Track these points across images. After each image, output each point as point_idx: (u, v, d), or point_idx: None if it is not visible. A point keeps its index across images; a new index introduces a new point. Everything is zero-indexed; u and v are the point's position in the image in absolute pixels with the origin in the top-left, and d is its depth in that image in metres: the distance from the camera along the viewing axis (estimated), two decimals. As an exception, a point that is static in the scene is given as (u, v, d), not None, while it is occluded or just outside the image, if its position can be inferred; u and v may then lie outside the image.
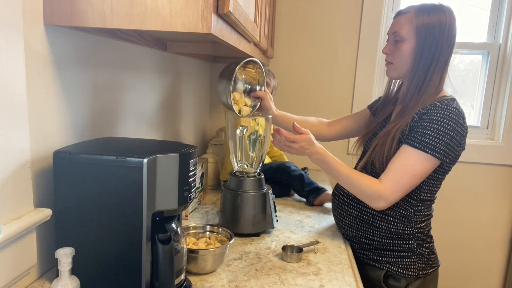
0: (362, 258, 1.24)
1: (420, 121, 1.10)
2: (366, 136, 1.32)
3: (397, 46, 1.16)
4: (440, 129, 1.07)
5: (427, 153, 1.07)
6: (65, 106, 0.90)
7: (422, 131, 1.08)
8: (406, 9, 1.17)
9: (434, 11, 1.13)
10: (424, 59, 1.13)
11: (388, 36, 1.21)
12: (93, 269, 0.78)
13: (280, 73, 2.16)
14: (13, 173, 0.75)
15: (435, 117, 1.08)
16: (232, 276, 0.99)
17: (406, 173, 1.08)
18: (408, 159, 1.09)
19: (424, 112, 1.11)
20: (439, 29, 1.12)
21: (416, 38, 1.13)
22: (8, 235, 0.72)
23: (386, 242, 1.19)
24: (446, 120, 1.07)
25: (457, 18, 1.14)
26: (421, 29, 1.12)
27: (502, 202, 2.21)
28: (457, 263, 2.28)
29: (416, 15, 1.13)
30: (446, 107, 1.09)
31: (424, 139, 1.07)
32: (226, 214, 1.25)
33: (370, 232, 1.20)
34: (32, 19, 0.77)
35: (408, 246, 1.18)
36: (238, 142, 1.29)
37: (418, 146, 1.08)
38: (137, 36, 1.13)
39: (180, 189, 0.79)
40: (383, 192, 1.09)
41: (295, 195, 1.70)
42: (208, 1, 0.73)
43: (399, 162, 1.10)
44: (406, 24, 1.14)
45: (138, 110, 1.29)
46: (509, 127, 2.11)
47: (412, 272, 1.18)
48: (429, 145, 1.07)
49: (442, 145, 1.07)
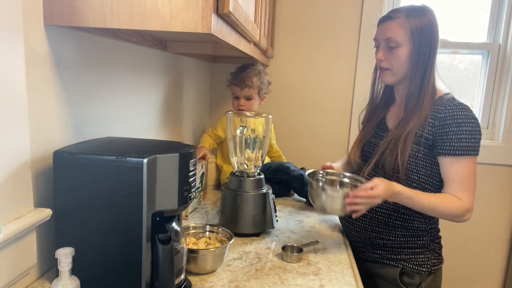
0: (375, 258, 1.24)
1: (445, 127, 1.11)
2: (362, 141, 1.32)
3: (393, 52, 1.16)
4: (469, 130, 1.11)
5: (470, 155, 1.11)
6: (65, 106, 0.90)
7: (457, 137, 1.10)
8: (393, 14, 1.17)
9: (422, 13, 1.14)
10: (421, 61, 1.14)
11: (378, 42, 1.20)
12: (93, 269, 0.78)
13: (280, 73, 2.16)
14: (13, 173, 0.75)
15: (460, 120, 1.11)
16: (232, 276, 0.99)
17: (471, 179, 1.13)
18: (461, 167, 1.12)
19: (443, 116, 1.12)
20: (430, 30, 1.14)
21: (412, 42, 1.14)
22: (8, 235, 0.72)
23: (401, 240, 1.20)
24: (469, 119, 1.11)
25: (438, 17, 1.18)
26: (416, 32, 1.13)
27: (502, 202, 2.21)
28: (457, 263, 2.28)
29: (407, 18, 1.13)
30: (459, 106, 1.12)
31: (462, 144, 1.10)
32: (226, 214, 1.25)
33: (386, 231, 1.21)
34: (32, 19, 0.77)
35: (422, 242, 1.20)
36: (238, 142, 1.29)
37: (462, 153, 1.11)
38: (137, 36, 1.13)
39: (180, 189, 0.79)
40: (468, 206, 1.12)
41: (295, 195, 1.70)
42: (208, 1, 0.73)
43: (458, 174, 1.12)
44: (399, 29, 1.14)
45: (138, 110, 1.29)
46: (509, 127, 2.11)
47: (426, 268, 1.20)
48: (469, 147, 1.10)
49: (476, 142, 1.11)
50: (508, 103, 2.10)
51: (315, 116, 2.22)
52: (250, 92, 1.68)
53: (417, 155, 1.16)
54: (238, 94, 1.69)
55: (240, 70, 1.70)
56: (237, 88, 1.68)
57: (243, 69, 1.69)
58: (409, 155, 1.15)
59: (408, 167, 1.16)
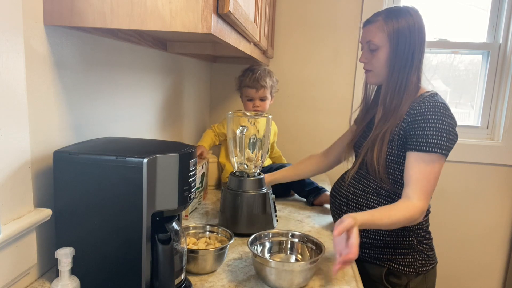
0: (363, 257, 1.24)
1: (415, 123, 1.12)
2: (352, 142, 1.35)
3: (373, 54, 1.20)
4: (438, 127, 1.09)
5: (435, 153, 1.09)
6: (65, 106, 0.90)
7: (423, 133, 1.10)
8: (373, 17, 1.21)
9: (401, 15, 1.16)
10: (399, 62, 1.17)
11: (362, 44, 1.24)
12: (93, 269, 0.78)
13: (280, 73, 2.16)
14: (13, 173, 0.75)
15: (429, 116, 1.10)
16: (232, 276, 0.99)
17: (428, 179, 1.10)
18: (423, 165, 1.10)
19: (415, 112, 1.13)
20: (409, 31, 1.15)
21: (389, 44, 1.17)
22: (8, 235, 0.72)
23: (386, 240, 1.20)
24: (440, 116, 1.10)
25: (423, 17, 1.19)
26: (393, 35, 1.16)
27: (502, 202, 2.21)
28: (457, 263, 2.28)
29: (385, 22, 1.17)
30: (434, 103, 1.12)
31: (428, 140, 1.09)
32: (226, 214, 1.25)
33: (370, 230, 1.21)
34: (32, 19, 0.77)
35: (408, 243, 1.20)
36: (238, 142, 1.29)
37: (426, 149, 1.09)
38: (137, 36, 1.13)
39: (180, 189, 0.79)
40: (421, 207, 1.08)
41: (295, 195, 1.70)
42: (208, 1, 0.73)
43: (417, 171, 1.10)
44: (378, 32, 1.18)
45: (138, 110, 1.29)
46: (509, 127, 2.11)
47: (412, 268, 1.20)
48: (435, 144, 1.08)
49: (444, 141, 1.09)
50: (508, 103, 2.10)
51: (315, 116, 2.22)
52: (265, 93, 1.69)
53: (396, 153, 1.17)
54: (253, 96, 1.69)
55: (251, 71, 1.69)
56: (252, 90, 1.68)
57: (253, 70, 1.69)
58: (387, 153, 1.16)
59: (388, 165, 1.17)
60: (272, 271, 0.91)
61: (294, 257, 1.08)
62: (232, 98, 2.23)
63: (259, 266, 0.94)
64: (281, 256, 1.08)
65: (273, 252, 1.09)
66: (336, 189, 1.32)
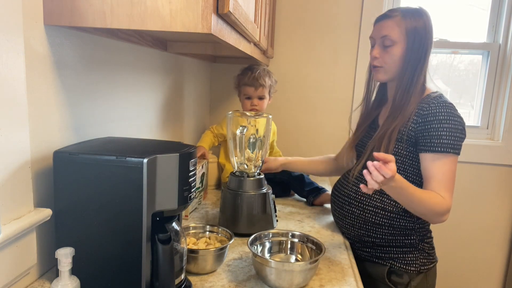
0: (364, 256, 1.25)
1: (427, 124, 1.12)
2: (354, 143, 1.35)
3: (387, 50, 1.19)
4: (451, 127, 1.11)
5: (450, 153, 1.11)
6: (65, 106, 0.90)
7: (437, 134, 1.11)
8: (390, 13, 1.20)
9: (418, 15, 1.17)
10: (413, 61, 1.17)
11: (374, 40, 1.23)
12: (93, 269, 0.78)
13: (280, 73, 2.16)
14: (13, 173, 0.75)
15: (441, 117, 1.11)
16: (232, 276, 0.99)
17: (449, 178, 1.12)
18: (441, 165, 1.11)
19: (426, 113, 1.13)
20: (425, 31, 1.16)
21: (406, 41, 1.16)
22: (8, 235, 0.72)
23: (388, 238, 1.20)
24: (451, 116, 1.12)
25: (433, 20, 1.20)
26: (410, 32, 1.16)
27: (502, 202, 2.21)
28: (457, 263, 2.28)
29: (403, 18, 1.16)
30: (443, 104, 1.13)
31: (443, 141, 1.10)
32: (226, 214, 1.25)
33: (373, 229, 1.21)
34: (32, 19, 0.77)
35: (410, 242, 1.20)
36: (238, 142, 1.29)
37: (441, 150, 1.10)
38: (137, 36, 1.13)
39: (180, 189, 0.79)
40: (449, 204, 1.10)
41: (295, 195, 1.70)
42: (208, 1, 0.73)
43: (438, 172, 1.11)
44: (395, 28, 1.17)
45: (138, 110, 1.29)
46: (509, 127, 2.11)
47: (414, 267, 1.20)
48: (449, 144, 1.10)
49: (456, 141, 1.11)
50: (508, 103, 2.10)
51: (315, 116, 2.22)
52: (264, 92, 1.69)
53: (402, 153, 1.17)
54: (252, 94, 1.69)
55: (250, 70, 1.69)
56: (250, 88, 1.68)
57: (252, 69, 1.69)
58: (393, 153, 1.16)
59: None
60: (272, 271, 0.92)
61: (294, 257, 1.08)
62: (232, 98, 2.23)
63: (259, 266, 0.94)
64: (281, 256, 1.08)
65: (273, 252, 1.09)
66: (339, 188, 1.31)
